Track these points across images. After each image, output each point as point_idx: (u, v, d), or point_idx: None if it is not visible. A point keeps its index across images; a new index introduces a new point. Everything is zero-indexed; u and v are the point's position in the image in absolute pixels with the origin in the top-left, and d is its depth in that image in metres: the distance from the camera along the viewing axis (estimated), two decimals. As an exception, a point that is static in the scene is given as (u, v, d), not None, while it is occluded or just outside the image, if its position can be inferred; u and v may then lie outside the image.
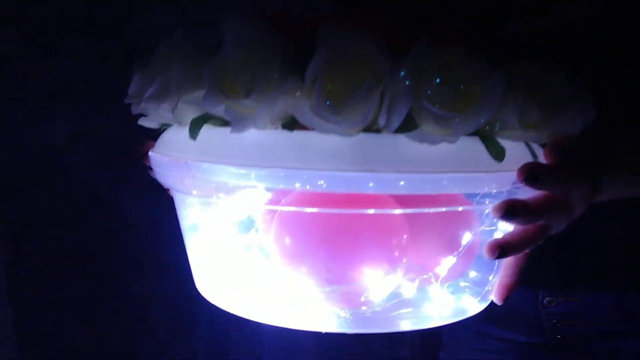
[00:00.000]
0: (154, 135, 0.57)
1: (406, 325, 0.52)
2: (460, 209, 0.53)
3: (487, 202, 0.51)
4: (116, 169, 1.58)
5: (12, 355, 1.75)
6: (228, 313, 0.55)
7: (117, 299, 1.65)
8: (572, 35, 0.74)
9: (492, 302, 0.60)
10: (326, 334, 0.51)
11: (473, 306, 0.56)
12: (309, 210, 0.48)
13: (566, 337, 0.88)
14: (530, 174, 0.49)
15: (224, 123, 0.48)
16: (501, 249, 0.51)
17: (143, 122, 0.58)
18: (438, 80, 0.44)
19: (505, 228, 0.55)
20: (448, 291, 0.55)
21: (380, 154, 0.45)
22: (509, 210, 0.49)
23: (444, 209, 0.51)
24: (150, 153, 0.57)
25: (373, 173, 0.44)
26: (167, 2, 1.47)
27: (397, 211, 0.49)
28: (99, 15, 1.51)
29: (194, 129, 0.48)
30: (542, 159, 0.53)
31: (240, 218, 0.55)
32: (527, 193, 0.51)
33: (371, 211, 0.49)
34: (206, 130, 0.49)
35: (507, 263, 0.58)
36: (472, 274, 0.58)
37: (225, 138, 0.47)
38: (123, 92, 0.55)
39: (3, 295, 1.72)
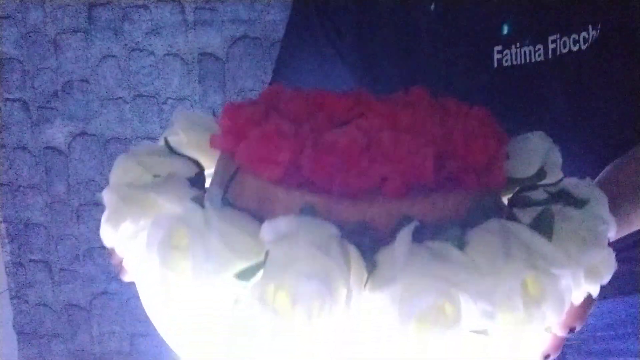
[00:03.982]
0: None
1: None
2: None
3: None
4: (116, 169, 1.57)
5: (12, 355, 1.75)
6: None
7: (117, 299, 1.65)
8: (569, 67, 0.74)
9: None
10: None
11: None
12: None
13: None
14: None
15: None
16: None
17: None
18: None
19: None
20: None
21: None
22: None
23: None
24: None
25: None
26: (167, 2, 1.47)
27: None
28: (99, 15, 1.51)
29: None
30: None
31: None
32: None
33: None
34: None
35: None
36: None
37: None
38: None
39: (3, 295, 1.72)
